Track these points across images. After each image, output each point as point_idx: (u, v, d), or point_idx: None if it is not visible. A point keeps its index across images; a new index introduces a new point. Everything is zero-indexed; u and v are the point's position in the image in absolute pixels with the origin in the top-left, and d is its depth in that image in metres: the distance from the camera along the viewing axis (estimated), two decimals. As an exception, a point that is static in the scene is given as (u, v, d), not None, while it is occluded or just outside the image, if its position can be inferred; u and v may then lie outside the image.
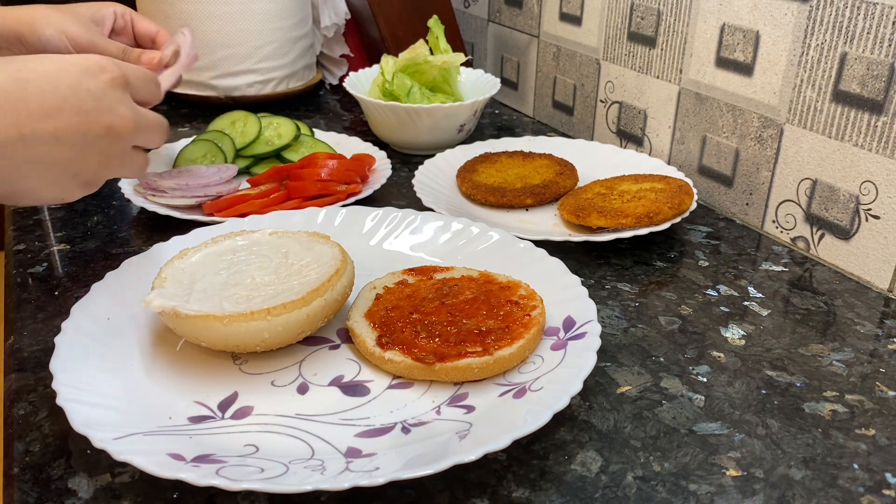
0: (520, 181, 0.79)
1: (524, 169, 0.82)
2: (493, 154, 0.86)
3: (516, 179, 0.80)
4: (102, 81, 0.50)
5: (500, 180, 0.79)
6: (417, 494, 0.42)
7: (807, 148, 0.69)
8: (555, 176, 0.79)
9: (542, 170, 0.82)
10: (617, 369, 0.53)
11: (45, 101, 0.46)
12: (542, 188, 0.77)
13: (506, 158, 0.85)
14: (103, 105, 0.49)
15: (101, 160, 0.51)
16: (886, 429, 0.48)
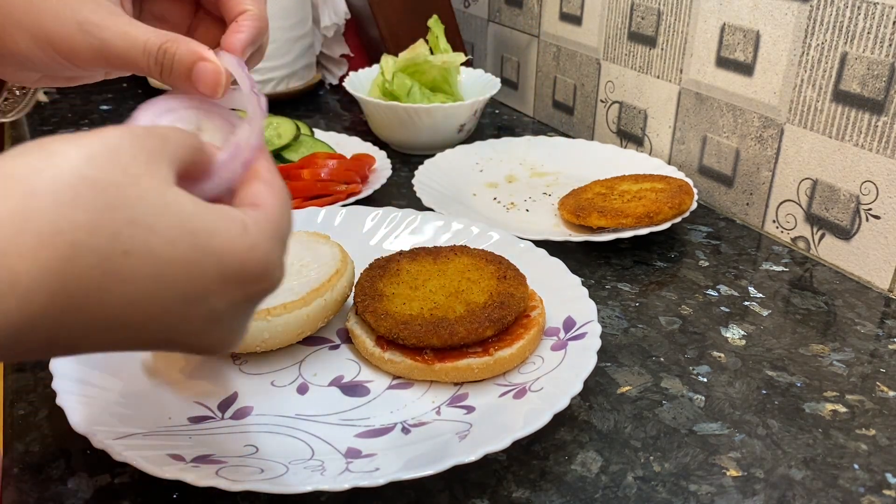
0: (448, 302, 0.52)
1: (443, 278, 0.55)
2: (395, 259, 0.57)
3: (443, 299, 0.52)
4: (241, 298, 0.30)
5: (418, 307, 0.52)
6: (417, 495, 0.42)
7: (807, 148, 0.69)
8: (497, 283, 0.54)
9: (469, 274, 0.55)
10: (617, 369, 0.53)
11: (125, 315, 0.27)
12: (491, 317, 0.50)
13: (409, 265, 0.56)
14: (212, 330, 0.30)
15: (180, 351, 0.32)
16: (887, 429, 0.48)
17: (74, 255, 0.25)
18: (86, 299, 0.25)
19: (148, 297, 0.27)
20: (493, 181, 0.85)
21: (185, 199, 0.28)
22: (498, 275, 0.54)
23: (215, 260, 0.28)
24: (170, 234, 0.27)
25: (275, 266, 0.30)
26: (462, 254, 0.57)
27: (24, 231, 0.24)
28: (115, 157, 0.26)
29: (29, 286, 0.24)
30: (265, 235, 0.29)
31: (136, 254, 0.26)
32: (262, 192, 0.32)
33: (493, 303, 0.51)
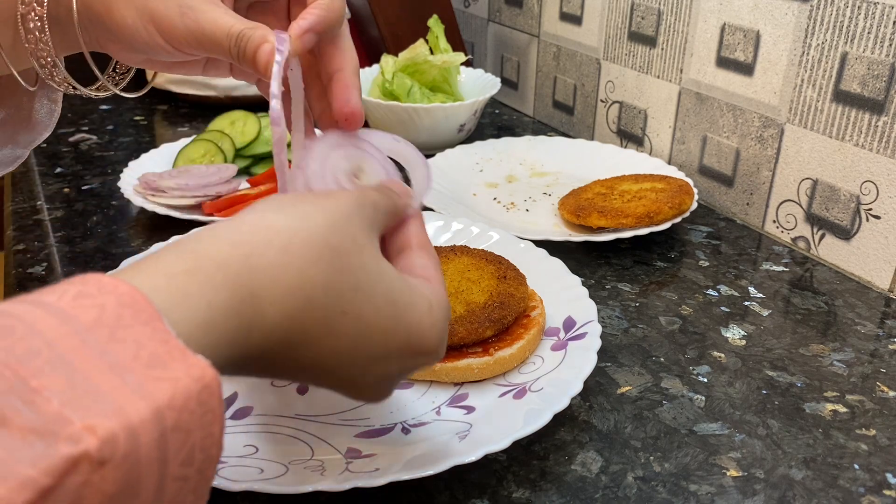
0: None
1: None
2: None
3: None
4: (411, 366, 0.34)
5: None
6: (417, 495, 0.42)
7: (807, 148, 0.69)
8: (497, 283, 0.54)
9: (469, 274, 0.55)
10: (617, 369, 0.53)
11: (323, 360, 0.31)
12: (491, 317, 0.51)
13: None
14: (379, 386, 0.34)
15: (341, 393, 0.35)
16: (887, 429, 0.48)
17: (308, 307, 0.29)
18: (305, 345, 0.30)
19: (346, 352, 0.31)
20: (493, 181, 0.85)
21: (391, 272, 0.33)
22: (498, 275, 0.54)
23: (404, 332, 0.33)
24: (378, 303, 0.31)
25: (443, 343, 0.35)
26: (462, 254, 0.57)
27: (277, 282, 0.28)
28: (349, 226, 0.32)
29: (272, 327, 0.28)
30: (442, 315, 0.35)
31: (351, 315, 0.31)
32: (429, 266, 0.37)
33: (493, 303, 0.51)
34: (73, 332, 0.22)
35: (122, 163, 0.83)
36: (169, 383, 0.22)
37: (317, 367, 0.31)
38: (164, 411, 0.22)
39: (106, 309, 0.23)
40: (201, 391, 0.23)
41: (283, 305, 0.28)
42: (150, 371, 0.22)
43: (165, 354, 0.23)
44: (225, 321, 0.26)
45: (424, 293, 0.34)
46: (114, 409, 0.21)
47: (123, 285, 0.24)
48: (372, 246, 0.33)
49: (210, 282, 0.26)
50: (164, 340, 0.23)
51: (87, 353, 0.21)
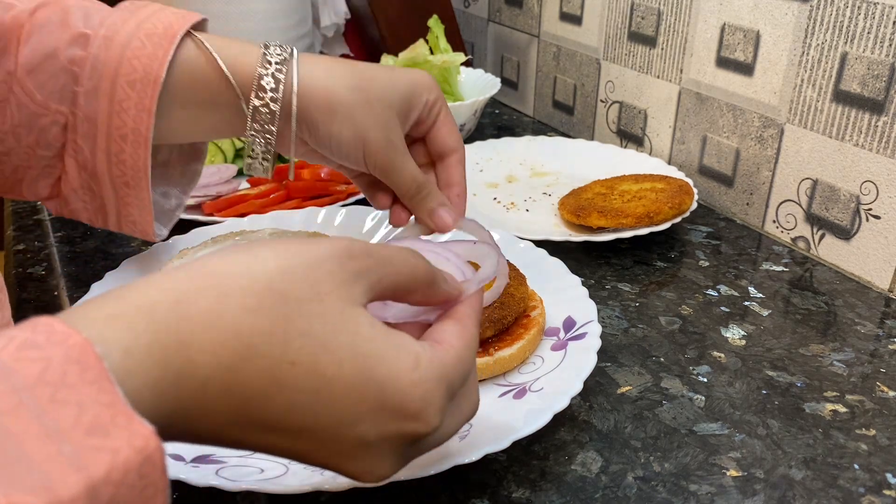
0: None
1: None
2: None
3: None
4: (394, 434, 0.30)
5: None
6: (417, 495, 0.42)
7: (807, 148, 0.69)
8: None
9: None
10: (617, 369, 0.53)
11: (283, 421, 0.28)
12: (491, 317, 0.51)
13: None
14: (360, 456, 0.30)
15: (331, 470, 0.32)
16: (887, 429, 0.48)
17: (249, 356, 0.26)
18: (252, 399, 0.27)
19: (305, 408, 0.28)
20: (493, 181, 0.85)
21: (364, 321, 0.29)
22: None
23: (377, 388, 0.28)
24: (339, 355, 0.28)
25: (434, 409, 0.30)
26: None
27: (210, 329, 0.26)
28: (310, 272, 0.28)
29: (205, 379, 0.26)
30: (433, 374, 0.30)
31: (302, 365, 0.27)
32: (449, 331, 0.33)
33: (493, 303, 0.51)
34: (11, 390, 0.20)
35: (122, 163, 0.83)
36: (108, 455, 0.21)
37: (277, 429, 0.28)
38: (98, 487, 0.20)
39: (51, 364, 0.21)
40: (143, 463, 0.21)
41: (217, 355, 0.26)
42: (89, 440, 0.21)
43: (108, 420, 0.21)
44: (146, 370, 0.24)
45: (412, 349, 0.30)
46: (42, 485, 0.19)
47: (75, 336, 0.22)
48: (339, 296, 0.29)
49: (131, 328, 0.25)
50: (109, 403, 0.22)
51: (24, 415, 0.20)
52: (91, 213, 0.53)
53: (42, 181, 0.51)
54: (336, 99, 0.47)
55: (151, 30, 0.47)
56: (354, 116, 0.47)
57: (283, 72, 0.47)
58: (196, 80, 0.48)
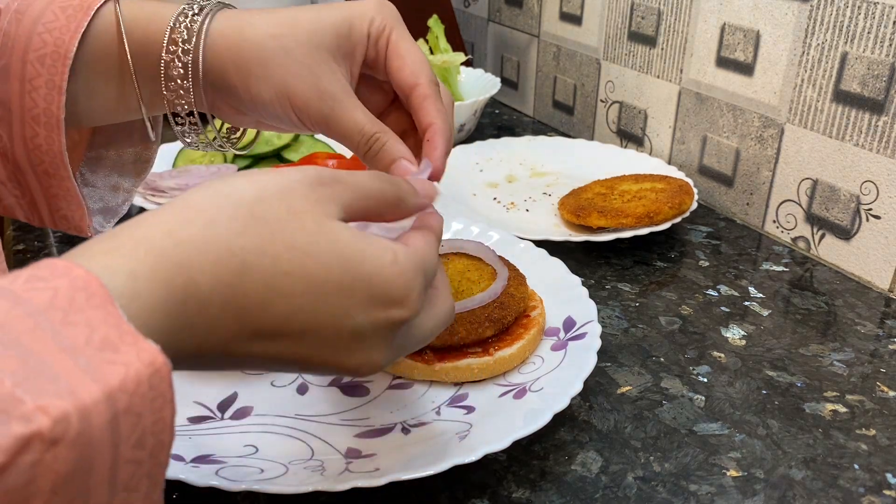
0: None
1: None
2: None
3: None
4: (383, 320, 0.32)
5: None
6: (417, 495, 0.42)
7: (807, 148, 0.69)
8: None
9: (469, 274, 0.56)
10: (617, 369, 0.53)
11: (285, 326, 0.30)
12: (491, 317, 0.51)
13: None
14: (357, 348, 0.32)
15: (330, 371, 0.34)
16: (887, 429, 0.48)
17: (244, 272, 0.29)
18: (254, 309, 0.29)
19: (304, 311, 0.30)
20: (493, 181, 0.85)
21: (340, 229, 0.31)
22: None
23: (365, 283, 0.31)
24: (324, 259, 0.30)
25: (416, 294, 0.33)
26: (462, 254, 0.57)
27: (205, 252, 0.28)
28: (285, 197, 0.31)
29: (208, 295, 0.28)
30: (411, 265, 0.33)
31: (295, 274, 0.30)
32: (417, 237, 0.36)
33: (493, 303, 0.51)
34: (26, 315, 0.22)
35: (122, 163, 0.83)
36: (121, 367, 0.22)
37: (280, 334, 0.30)
38: (115, 394, 0.22)
39: (59, 292, 0.23)
40: (152, 375, 0.23)
41: (215, 274, 0.28)
42: (102, 354, 0.22)
43: (117, 339, 0.23)
44: (152, 291, 0.26)
45: (388, 246, 0.32)
46: (67, 390, 0.21)
47: (77, 269, 0.24)
48: (314, 212, 0.31)
49: (132, 255, 0.26)
50: (116, 325, 0.23)
51: (40, 334, 0.22)
52: (26, 210, 0.49)
53: None
54: (247, 53, 0.41)
55: (67, 1, 0.42)
56: (271, 70, 0.41)
57: (197, 22, 0.41)
58: (108, 52, 0.43)
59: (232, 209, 0.29)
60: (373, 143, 0.42)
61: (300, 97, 0.41)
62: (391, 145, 0.42)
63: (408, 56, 0.44)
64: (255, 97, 0.42)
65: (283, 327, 0.30)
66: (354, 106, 0.42)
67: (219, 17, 0.42)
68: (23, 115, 0.44)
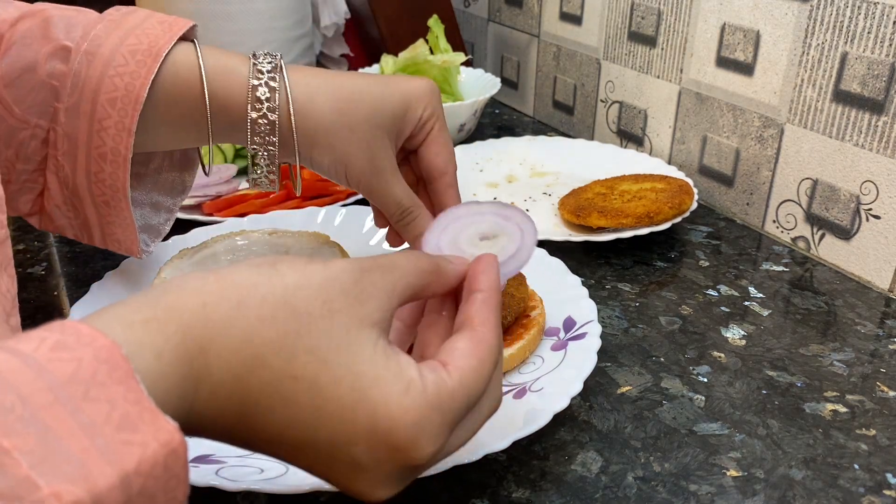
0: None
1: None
2: None
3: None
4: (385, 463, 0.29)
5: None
6: (417, 495, 0.42)
7: (807, 148, 0.69)
8: None
9: None
10: (617, 369, 0.53)
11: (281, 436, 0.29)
12: None
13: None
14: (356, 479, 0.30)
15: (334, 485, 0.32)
16: (887, 429, 0.48)
17: (255, 366, 0.28)
18: (254, 409, 0.28)
19: (303, 425, 0.28)
20: (493, 181, 0.85)
21: (368, 342, 0.29)
22: None
23: (368, 411, 0.28)
24: (337, 373, 0.28)
25: (427, 437, 0.29)
26: None
27: (227, 336, 0.27)
28: (324, 290, 0.29)
29: (218, 384, 0.27)
30: (425, 402, 0.29)
31: (304, 381, 0.28)
32: (459, 348, 0.32)
33: None
34: (48, 388, 0.21)
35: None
36: (138, 448, 0.22)
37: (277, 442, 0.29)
38: (130, 477, 0.22)
39: (82, 364, 0.22)
40: (168, 456, 0.23)
41: (229, 362, 0.27)
42: (119, 434, 0.22)
43: (136, 417, 0.22)
44: (174, 372, 0.26)
45: (407, 373, 0.30)
46: (82, 475, 0.21)
47: (102, 338, 0.23)
48: (349, 314, 0.29)
49: (162, 331, 0.26)
50: (136, 401, 0.23)
51: (60, 411, 0.21)
52: (76, 230, 0.52)
53: (23, 196, 0.50)
54: (314, 126, 0.46)
55: (136, 45, 0.46)
56: (334, 144, 0.46)
57: (276, 80, 0.46)
58: (180, 98, 0.47)
59: (265, 292, 0.28)
60: (406, 215, 0.49)
61: (356, 168, 0.47)
62: (423, 220, 0.49)
63: (445, 147, 0.50)
64: (316, 161, 0.48)
65: (282, 435, 0.29)
66: (398, 181, 0.48)
67: (290, 77, 0.47)
68: (89, 152, 0.47)
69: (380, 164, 0.47)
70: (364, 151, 0.46)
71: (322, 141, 0.46)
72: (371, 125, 0.46)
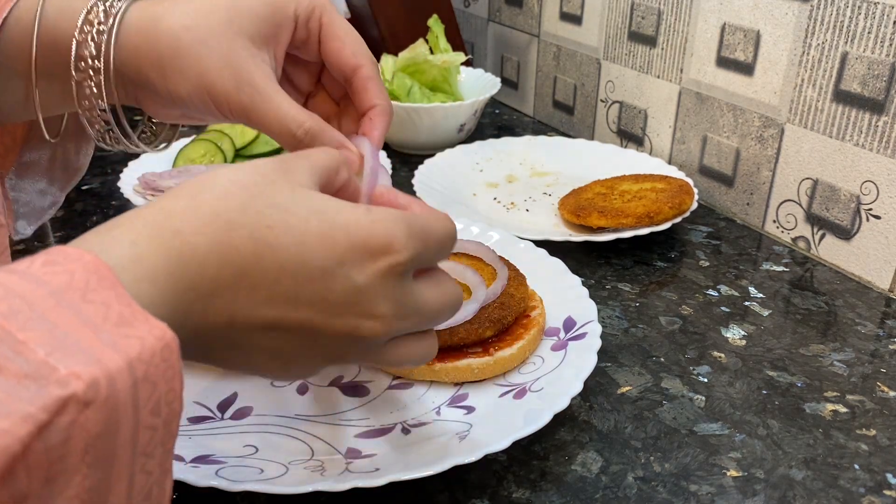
0: None
1: None
2: None
3: None
4: (375, 271, 0.32)
5: None
6: (417, 495, 0.42)
7: (808, 148, 0.69)
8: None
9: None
10: (617, 369, 0.53)
11: (278, 282, 0.30)
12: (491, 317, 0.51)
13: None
14: (357, 303, 0.32)
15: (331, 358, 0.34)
16: (887, 429, 0.48)
17: (231, 227, 0.30)
18: (246, 262, 0.30)
19: (292, 262, 0.31)
20: (493, 181, 0.85)
21: (314, 193, 0.33)
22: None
23: (343, 231, 0.31)
24: (302, 213, 0.31)
25: (398, 240, 0.32)
26: (462, 254, 0.57)
27: (194, 217, 0.30)
28: (258, 169, 0.32)
29: (205, 254, 0.29)
30: (389, 215, 0.33)
31: (278, 227, 0.31)
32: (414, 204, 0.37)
33: (493, 303, 0.51)
34: (49, 294, 0.24)
35: (122, 163, 0.83)
36: (137, 340, 0.24)
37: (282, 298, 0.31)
38: (134, 363, 0.24)
39: (75, 275, 0.25)
40: (164, 349, 0.25)
41: (206, 234, 0.30)
42: (119, 329, 0.24)
43: (130, 316, 0.25)
44: (152, 254, 0.28)
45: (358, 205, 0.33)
46: (93, 359, 0.23)
47: (87, 255, 0.25)
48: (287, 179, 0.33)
49: (130, 227, 0.29)
50: (127, 304, 0.25)
51: (63, 311, 0.24)
52: None
53: None
54: (162, 45, 0.38)
55: None
56: (186, 62, 0.38)
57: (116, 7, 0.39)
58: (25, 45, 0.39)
59: (211, 181, 0.31)
60: (303, 135, 0.40)
61: (219, 89, 0.39)
62: (327, 136, 0.40)
63: (346, 37, 0.42)
64: (173, 91, 0.39)
65: (276, 283, 0.31)
66: (278, 96, 0.39)
67: (139, 3, 0.39)
68: None
69: (249, 77, 0.39)
70: (224, 66, 0.38)
71: (172, 64, 0.38)
72: (228, 35, 0.39)
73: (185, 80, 0.39)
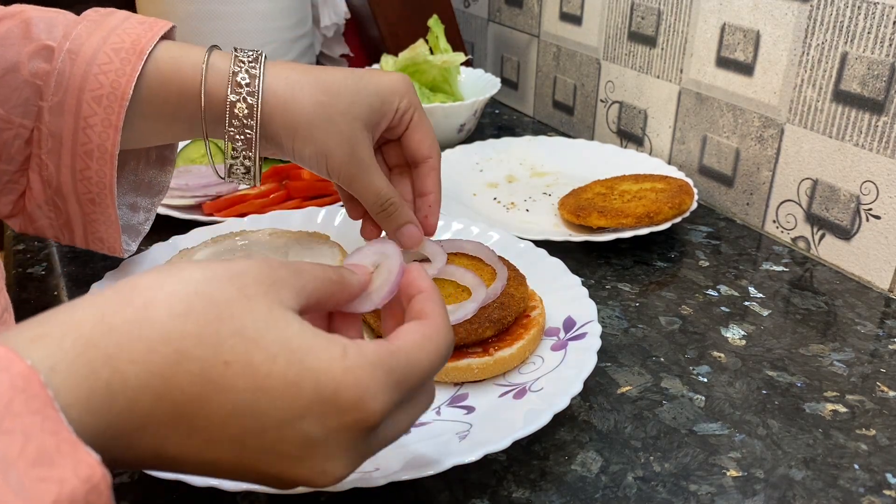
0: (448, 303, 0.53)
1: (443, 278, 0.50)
2: None
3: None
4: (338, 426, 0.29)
5: None
6: (417, 495, 0.42)
7: (807, 148, 0.69)
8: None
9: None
10: (617, 369, 0.53)
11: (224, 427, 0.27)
12: (491, 317, 0.51)
13: None
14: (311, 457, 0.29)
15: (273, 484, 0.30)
16: (887, 429, 0.48)
17: (180, 361, 0.26)
18: (188, 405, 0.26)
19: (246, 409, 0.27)
20: (493, 181, 0.85)
21: (292, 319, 0.29)
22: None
23: (312, 380, 0.28)
24: (271, 349, 0.27)
25: (371, 395, 0.29)
26: (461, 254, 0.57)
27: (137, 339, 0.25)
28: (237, 278, 0.28)
29: (137, 388, 0.25)
30: (365, 361, 0.29)
31: (236, 364, 0.27)
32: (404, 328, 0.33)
33: (493, 303, 0.51)
34: None
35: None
36: (55, 485, 0.21)
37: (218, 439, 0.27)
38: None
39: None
40: (88, 493, 0.21)
41: (146, 363, 0.25)
42: (35, 470, 0.21)
43: (54, 449, 0.21)
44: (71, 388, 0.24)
45: (339, 341, 0.29)
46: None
47: (19, 363, 0.22)
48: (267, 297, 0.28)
49: (57, 346, 0.24)
50: (54, 431, 0.21)
51: None
52: (57, 230, 0.52)
53: (5, 197, 0.51)
54: (296, 117, 0.47)
55: (119, 44, 0.47)
56: (315, 135, 0.47)
57: (256, 69, 0.47)
58: (162, 94, 0.48)
59: (174, 288, 0.27)
60: (387, 206, 0.49)
61: (336, 159, 0.48)
62: (403, 211, 0.50)
63: (427, 134, 0.51)
64: (297, 150, 0.48)
65: (224, 428, 0.27)
66: (378, 172, 0.49)
67: (270, 70, 0.48)
68: (74, 149, 0.47)
69: (359, 154, 0.48)
70: (344, 143, 0.48)
71: (303, 132, 0.47)
72: (349, 117, 0.48)
73: (311, 144, 0.48)
